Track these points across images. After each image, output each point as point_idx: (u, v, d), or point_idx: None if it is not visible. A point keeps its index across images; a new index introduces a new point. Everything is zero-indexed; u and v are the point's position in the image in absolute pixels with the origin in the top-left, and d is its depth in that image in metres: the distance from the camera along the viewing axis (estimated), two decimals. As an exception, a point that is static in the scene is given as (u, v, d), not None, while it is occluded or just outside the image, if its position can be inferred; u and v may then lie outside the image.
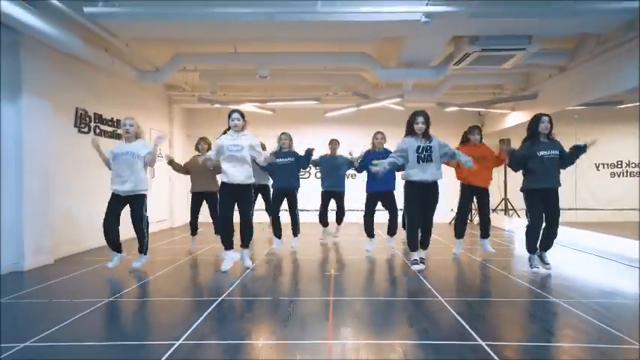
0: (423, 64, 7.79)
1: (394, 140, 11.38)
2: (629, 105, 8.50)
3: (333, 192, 7.81)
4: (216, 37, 7.29)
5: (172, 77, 9.67)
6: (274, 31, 6.46)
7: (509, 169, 6.13)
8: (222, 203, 5.61)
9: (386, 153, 6.82)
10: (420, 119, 5.65)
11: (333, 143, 7.90)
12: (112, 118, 8.37)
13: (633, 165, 11.97)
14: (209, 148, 6.95)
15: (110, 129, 8.30)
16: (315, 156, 7.49)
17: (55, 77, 6.61)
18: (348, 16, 5.57)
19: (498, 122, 11.23)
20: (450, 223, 11.78)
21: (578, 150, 5.37)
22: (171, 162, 7.30)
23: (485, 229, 6.71)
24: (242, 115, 5.62)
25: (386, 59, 8.30)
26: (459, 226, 6.76)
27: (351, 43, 7.89)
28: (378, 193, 6.85)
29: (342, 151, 7.92)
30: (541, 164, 5.27)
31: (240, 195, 5.62)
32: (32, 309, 4.11)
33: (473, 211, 9.63)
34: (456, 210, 7.04)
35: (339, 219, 8.11)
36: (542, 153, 5.29)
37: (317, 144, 8.69)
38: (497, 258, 6.53)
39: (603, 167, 12.05)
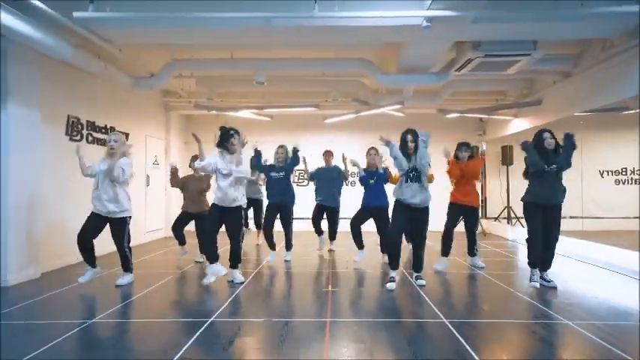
0: (424, 69, 7.59)
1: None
2: (632, 112, 8.31)
3: (326, 207, 7.64)
4: (213, 42, 7.08)
5: (168, 83, 9.48)
6: (271, 37, 6.25)
7: (511, 177, 5.94)
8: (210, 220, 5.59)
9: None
10: (409, 137, 5.61)
11: (327, 155, 7.78)
12: (106, 126, 8.17)
13: (638, 172, 11.77)
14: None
15: (103, 136, 8.07)
16: (311, 167, 7.62)
17: (45, 85, 6.40)
18: (347, 21, 5.36)
19: (500, 129, 11.01)
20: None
21: (568, 138, 5.18)
22: (174, 173, 7.10)
23: (472, 248, 6.65)
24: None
25: (386, 65, 8.10)
26: (446, 244, 6.52)
27: (350, 49, 7.68)
28: (372, 208, 6.63)
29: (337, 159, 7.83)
30: (546, 179, 5.18)
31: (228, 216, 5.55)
32: (7, 332, 3.85)
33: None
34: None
35: (332, 235, 7.92)
36: (547, 168, 5.20)
37: (315, 150, 8.55)
38: (501, 272, 6.30)
39: (608, 174, 11.84)
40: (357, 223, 6.78)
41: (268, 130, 11.64)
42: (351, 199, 7.71)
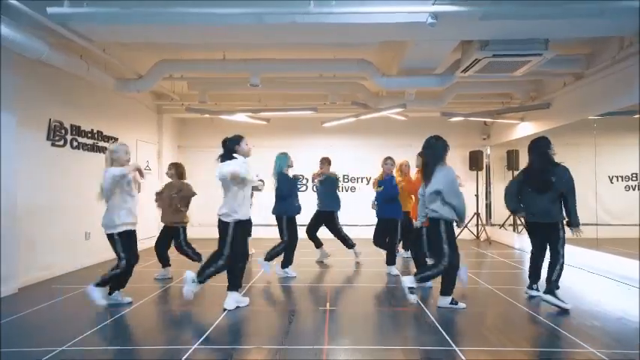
0: (428, 71, 7.18)
1: (396, 150, 11.12)
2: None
3: (321, 211, 7.55)
4: (203, 42, 6.67)
5: (159, 86, 9.08)
6: (265, 36, 5.87)
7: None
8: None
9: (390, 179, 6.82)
10: None
11: (323, 162, 7.61)
12: (92, 130, 7.77)
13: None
14: (181, 176, 6.54)
15: (90, 141, 7.69)
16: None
17: (25, 87, 6.05)
18: (345, 17, 4.93)
19: (506, 133, 10.61)
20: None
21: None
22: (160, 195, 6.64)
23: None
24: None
25: (387, 66, 7.69)
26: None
27: (348, 50, 7.27)
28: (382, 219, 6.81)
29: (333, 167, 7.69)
30: (532, 199, 5.13)
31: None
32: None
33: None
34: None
35: (344, 242, 7.65)
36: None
37: (314, 156, 8.14)
38: (511, 286, 5.87)
39: (617, 180, 11.42)
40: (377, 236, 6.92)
41: (265, 134, 11.28)
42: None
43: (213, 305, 4.93)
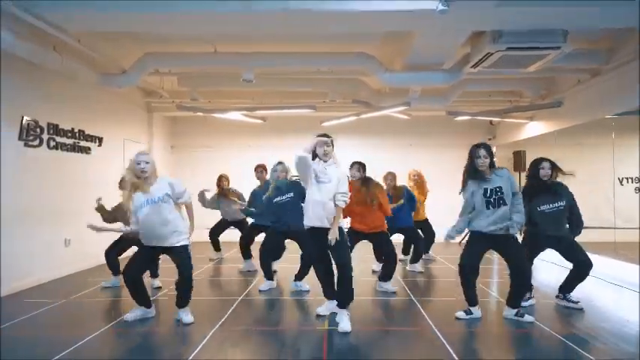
0: (434, 66, 6.66)
1: (399, 150, 10.63)
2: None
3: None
4: (189, 32, 6.17)
5: (147, 82, 8.59)
6: (256, 26, 5.38)
7: (523, 184, 5.10)
8: None
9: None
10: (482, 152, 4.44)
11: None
12: (73, 129, 7.23)
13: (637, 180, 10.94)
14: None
15: (70, 141, 7.16)
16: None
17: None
18: (343, 3, 4.43)
19: (513, 133, 10.11)
20: (460, 243, 10.70)
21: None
22: (100, 208, 5.84)
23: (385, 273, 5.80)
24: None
25: (390, 61, 7.15)
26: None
27: (349, 43, 6.76)
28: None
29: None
30: (543, 218, 4.81)
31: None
32: None
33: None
34: None
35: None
36: (542, 207, 4.81)
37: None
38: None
39: (627, 182, 10.96)
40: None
41: (261, 133, 10.82)
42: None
43: (200, 323, 4.42)
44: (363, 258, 7.28)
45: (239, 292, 5.78)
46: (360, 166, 5.57)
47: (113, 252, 6.01)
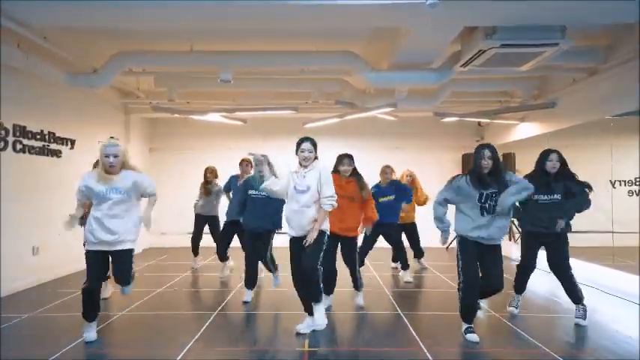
0: (423, 65, 6.32)
1: (385, 152, 10.28)
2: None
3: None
4: (165, 27, 5.79)
5: (122, 82, 8.17)
6: (235, 20, 5.02)
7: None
8: None
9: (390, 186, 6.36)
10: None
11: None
12: (42, 131, 6.80)
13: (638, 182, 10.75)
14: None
15: (39, 144, 6.73)
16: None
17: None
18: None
19: (503, 135, 9.83)
20: (447, 248, 10.44)
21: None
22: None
23: (355, 281, 5.24)
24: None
25: (376, 61, 6.81)
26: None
27: (333, 41, 6.42)
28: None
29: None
30: (537, 209, 4.66)
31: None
32: None
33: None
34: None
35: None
36: (537, 197, 4.63)
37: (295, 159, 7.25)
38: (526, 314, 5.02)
39: (620, 185, 10.76)
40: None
41: (242, 135, 10.44)
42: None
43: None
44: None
45: (214, 307, 5.36)
46: (350, 158, 5.10)
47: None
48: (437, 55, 6.03)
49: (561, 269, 4.65)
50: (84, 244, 4.16)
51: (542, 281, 6.30)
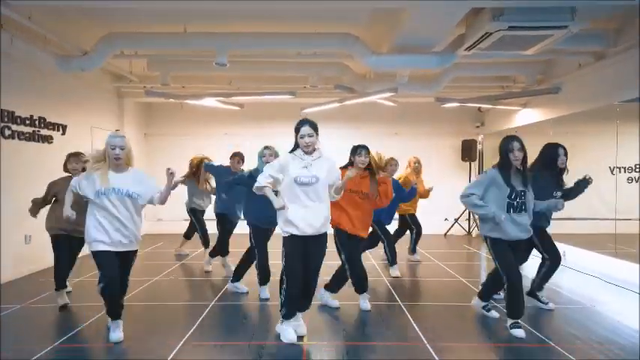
0: (425, 49, 6.12)
1: (384, 138, 10.09)
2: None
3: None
4: (155, 9, 5.57)
5: (115, 65, 7.95)
6: (229, 1, 4.80)
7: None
8: None
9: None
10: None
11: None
12: (32, 116, 6.63)
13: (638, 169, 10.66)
14: (84, 169, 4.51)
15: (29, 129, 6.55)
16: None
17: None
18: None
19: (503, 121, 9.67)
20: (445, 235, 10.37)
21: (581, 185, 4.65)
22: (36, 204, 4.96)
23: (360, 285, 4.79)
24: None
25: (377, 44, 6.59)
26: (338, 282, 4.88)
27: (332, 23, 6.20)
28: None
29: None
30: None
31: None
32: None
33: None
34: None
35: None
36: (557, 193, 4.46)
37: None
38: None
39: (619, 171, 10.65)
40: None
41: (239, 120, 10.28)
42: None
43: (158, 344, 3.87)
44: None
45: (211, 297, 5.23)
46: (367, 150, 4.53)
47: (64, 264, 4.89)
48: (441, 37, 5.82)
49: None
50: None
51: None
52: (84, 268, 4.84)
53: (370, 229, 5.11)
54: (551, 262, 4.68)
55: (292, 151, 3.83)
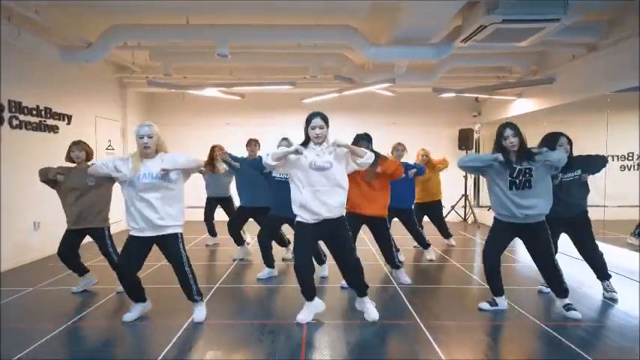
0: (422, 41, 6.28)
1: (383, 128, 10.26)
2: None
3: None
4: (159, 3, 5.70)
5: (117, 56, 8.08)
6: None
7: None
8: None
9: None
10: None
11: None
12: (38, 106, 6.79)
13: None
14: (88, 157, 4.85)
15: (35, 119, 6.73)
16: None
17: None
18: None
19: (500, 110, 9.84)
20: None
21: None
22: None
23: (392, 260, 5.17)
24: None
25: (376, 36, 6.74)
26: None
27: (332, 15, 6.34)
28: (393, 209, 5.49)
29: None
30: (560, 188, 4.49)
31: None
32: None
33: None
34: None
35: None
36: (560, 175, 4.50)
37: (293, 135, 7.23)
38: (517, 287, 5.11)
39: (613, 159, 10.84)
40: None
41: (240, 110, 10.44)
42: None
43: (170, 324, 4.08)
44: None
45: (215, 280, 5.45)
46: (367, 139, 4.76)
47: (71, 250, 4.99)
48: (437, 30, 5.98)
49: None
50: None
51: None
52: (95, 253, 5.04)
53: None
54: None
55: (303, 144, 3.95)
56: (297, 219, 3.93)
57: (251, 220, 6.33)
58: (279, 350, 3.48)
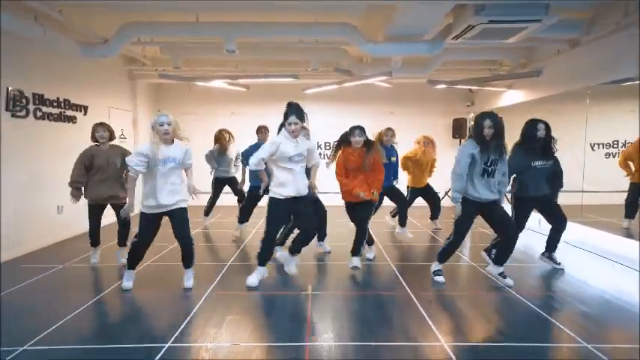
0: (416, 37, 6.74)
1: (380, 117, 10.73)
2: (632, 83, 7.61)
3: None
4: (172, 3, 6.14)
5: (128, 50, 8.52)
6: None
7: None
8: None
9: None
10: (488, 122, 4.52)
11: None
12: (58, 98, 7.25)
13: (630, 145, 11.22)
14: (111, 137, 5.51)
15: (56, 111, 7.19)
16: None
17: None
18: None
19: (492, 100, 10.29)
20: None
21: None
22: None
23: (357, 247, 5.40)
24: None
25: (372, 32, 7.21)
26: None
27: (332, 13, 6.78)
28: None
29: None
30: (534, 175, 5.23)
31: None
32: None
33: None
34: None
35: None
36: (536, 163, 5.21)
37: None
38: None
39: (598, 147, 11.29)
40: None
41: (244, 101, 10.89)
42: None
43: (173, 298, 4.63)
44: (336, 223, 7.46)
45: (227, 259, 6.01)
46: (361, 130, 5.07)
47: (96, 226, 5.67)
48: (429, 29, 6.44)
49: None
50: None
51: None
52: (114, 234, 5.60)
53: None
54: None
55: (280, 129, 4.66)
56: (272, 195, 4.65)
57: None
58: (288, 316, 4.03)
